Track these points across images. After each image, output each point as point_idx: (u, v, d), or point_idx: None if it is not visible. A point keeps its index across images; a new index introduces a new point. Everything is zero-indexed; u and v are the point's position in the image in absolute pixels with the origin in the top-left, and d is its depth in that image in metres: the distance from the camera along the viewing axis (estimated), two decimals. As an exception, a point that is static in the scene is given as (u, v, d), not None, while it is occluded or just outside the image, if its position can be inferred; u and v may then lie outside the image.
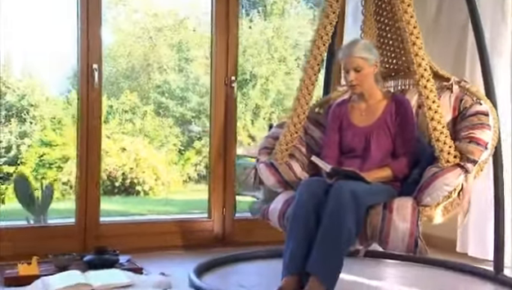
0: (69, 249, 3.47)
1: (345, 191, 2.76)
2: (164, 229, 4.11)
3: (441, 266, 3.70)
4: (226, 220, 4.23)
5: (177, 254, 3.92)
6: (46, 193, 4.24)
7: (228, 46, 4.19)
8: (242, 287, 3.07)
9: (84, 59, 3.74)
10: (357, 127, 3.23)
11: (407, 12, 3.02)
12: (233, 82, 4.21)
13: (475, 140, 2.90)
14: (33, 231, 3.90)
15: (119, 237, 3.72)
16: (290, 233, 2.87)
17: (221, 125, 4.20)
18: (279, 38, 10.73)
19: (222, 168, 4.23)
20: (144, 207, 8.43)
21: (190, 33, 10.85)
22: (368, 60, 3.12)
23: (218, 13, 4.17)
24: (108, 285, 2.84)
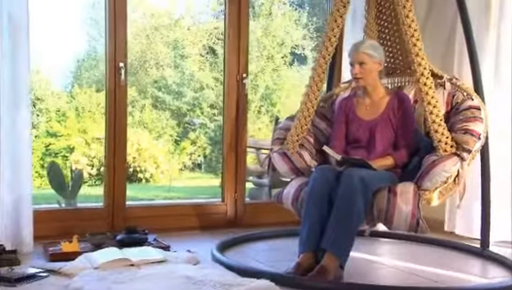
0: (98, 230, 3.53)
1: (355, 177, 2.86)
2: (183, 212, 4.15)
3: (433, 244, 3.76)
4: (238, 204, 4.27)
5: (195, 234, 3.96)
6: (76, 180, 4.32)
7: (240, 46, 4.21)
8: (259, 262, 3.13)
9: (112, 58, 3.77)
10: (362, 120, 3.31)
11: (409, 17, 3.12)
12: (244, 79, 4.24)
13: (469, 131, 3.01)
14: (67, 213, 3.96)
15: (142, 219, 3.75)
16: (306, 214, 2.96)
17: (233, 119, 4.24)
18: (267, 37, 10.78)
19: (234, 157, 4.27)
20: (150, 193, 8.48)
21: (185, 32, 10.87)
22: (372, 56, 3.20)
23: (231, 15, 4.19)
24: (145, 260, 2.90)
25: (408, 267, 3.23)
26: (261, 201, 5.56)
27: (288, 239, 3.80)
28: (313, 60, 3.45)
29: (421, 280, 2.95)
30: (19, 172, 3.23)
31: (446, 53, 4.24)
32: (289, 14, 10.86)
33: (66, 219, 3.72)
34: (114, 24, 3.78)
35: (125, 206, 3.89)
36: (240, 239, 3.70)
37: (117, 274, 2.62)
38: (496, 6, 3.92)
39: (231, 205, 4.26)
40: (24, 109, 3.23)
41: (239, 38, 4.22)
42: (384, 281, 2.94)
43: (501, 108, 3.81)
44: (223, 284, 2.49)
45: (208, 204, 4.42)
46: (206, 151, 10.76)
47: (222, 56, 11.57)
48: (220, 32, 10.84)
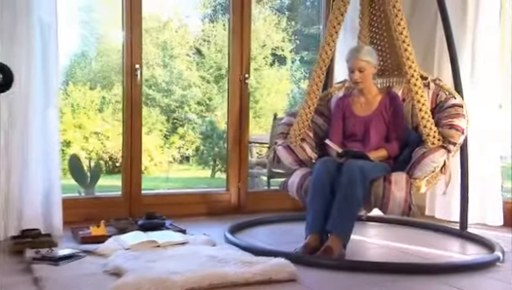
0: (117, 216, 3.58)
1: (355, 167, 2.99)
2: (192, 200, 4.24)
3: (417, 226, 3.88)
4: (241, 193, 4.36)
5: (203, 220, 4.04)
6: (94, 171, 4.38)
7: (242, 48, 4.31)
8: (267, 244, 3.21)
9: (128, 60, 3.85)
10: (357, 116, 3.44)
11: (400, 25, 3.25)
12: (247, 79, 4.33)
13: (454, 127, 3.16)
14: (89, 201, 4.01)
15: (156, 206, 3.79)
16: (311, 201, 3.08)
17: (236, 115, 4.32)
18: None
19: (238, 151, 4.36)
20: (149, 184, 8.51)
21: (173, 34, 10.90)
22: (370, 62, 3.33)
23: (235, 21, 4.29)
24: (170, 242, 2.98)
25: (398, 247, 3.34)
26: (258, 189, 5.67)
27: (290, 224, 3.95)
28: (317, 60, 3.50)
29: (411, 258, 3.07)
30: (49, 164, 3.30)
31: (428, 50, 4.30)
32: (269, 18, 10.98)
33: (89, 206, 3.80)
34: (131, 30, 3.85)
35: (141, 194, 3.98)
36: (248, 224, 3.78)
37: (147, 254, 2.70)
38: (471, 11, 4.02)
39: (234, 193, 4.36)
40: (53, 106, 3.30)
41: (241, 41, 4.32)
42: (379, 259, 3.04)
43: (476, 106, 3.90)
44: (244, 262, 2.59)
45: (214, 193, 4.50)
46: (194, 145, 10.82)
47: (208, 57, 11.59)
48: (206, 34, 10.94)
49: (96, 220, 3.40)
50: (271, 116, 6.86)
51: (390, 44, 3.67)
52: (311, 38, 10.97)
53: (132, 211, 3.88)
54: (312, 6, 11.50)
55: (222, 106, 10.43)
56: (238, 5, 4.28)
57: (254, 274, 2.43)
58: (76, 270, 2.50)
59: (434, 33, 4.20)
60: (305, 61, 11.08)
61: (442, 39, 3.93)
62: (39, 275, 2.37)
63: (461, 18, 4.02)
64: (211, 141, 10.31)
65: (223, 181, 5.21)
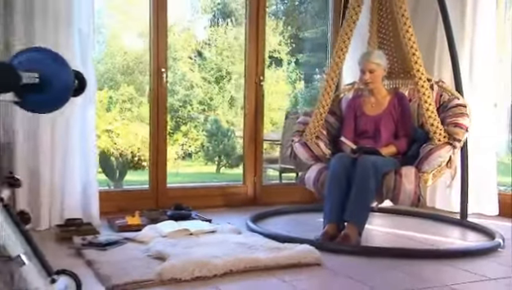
0: (145, 207, 3.70)
1: (368, 162, 3.11)
2: (212, 193, 4.34)
3: (420, 216, 3.97)
4: (257, 186, 4.45)
5: (222, 211, 4.11)
6: (122, 166, 4.47)
7: (258, 54, 4.38)
8: (288, 232, 3.27)
9: (155, 64, 3.94)
10: (368, 116, 3.55)
11: (408, 32, 3.37)
12: (262, 81, 4.40)
13: (459, 125, 3.28)
14: (120, 194, 4.12)
15: (180, 198, 3.87)
16: (328, 193, 3.18)
17: (252, 115, 4.41)
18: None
19: (253, 147, 4.44)
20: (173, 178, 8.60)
21: (177, 38, 10.97)
22: (380, 65, 3.45)
23: (251, 28, 4.37)
24: (201, 230, 3.09)
25: (405, 234, 3.45)
26: (271, 183, 5.74)
27: (303, 214, 4.06)
28: (330, 64, 3.61)
29: (419, 244, 3.19)
30: (87, 160, 3.40)
31: (427, 59, 4.28)
32: (269, 22, 11.08)
33: (120, 198, 3.89)
34: (157, 37, 3.95)
35: (166, 187, 4.08)
36: (266, 214, 3.87)
37: (183, 241, 2.81)
38: (469, 21, 4.11)
39: (250, 186, 4.45)
40: (91, 107, 3.40)
41: (257, 46, 4.39)
42: (391, 245, 3.15)
43: (474, 106, 3.99)
44: (273, 248, 2.71)
45: (232, 186, 4.59)
46: (197, 142, 10.89)
47: (209, 59, 11.64)
48: (207, 38, 11.02)
49: (126, 211, 3.51)
50: (280, 115, 6.93)
51: (397, 49, 3.78)
52: (305, 41, 11.07)
53: (158, 203, 3.97)
54: (306, 12, 11.58)
55: (223, 106, 10.54)
56: (254, 14, 4.37)
57: (284, 259, 2.54)
58: (122, 255, 2.60)
59: (435, 38, 4.28)
60: (300, 63, 11.15)
61: (442, 44, 4.09)
62: (91, 259, 2.48)
63: (460, 24, 4.09)
64: (216, 138, 10.40)
65: (228, 176, 5.34)
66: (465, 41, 4.13)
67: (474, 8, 4.11)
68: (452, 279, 2.45)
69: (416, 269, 2.60)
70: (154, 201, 3.98)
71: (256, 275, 2.41)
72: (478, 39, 4.12)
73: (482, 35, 4.11)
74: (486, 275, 2.53)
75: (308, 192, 4.27)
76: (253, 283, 2.33)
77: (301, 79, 10.67)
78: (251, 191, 4.45)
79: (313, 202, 4.29)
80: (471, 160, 3.80)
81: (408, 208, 3.66)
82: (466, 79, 4.01)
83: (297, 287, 2.29)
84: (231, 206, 4.29)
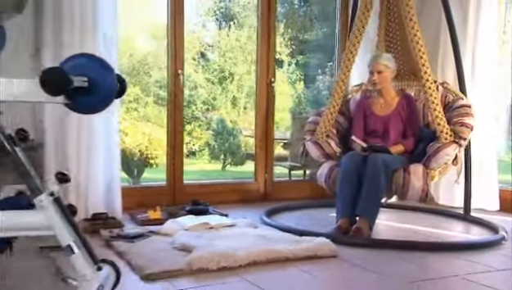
0: (164, 203, 3.79)
1: (379, 160, 3.19)
2: (225, 189, 4.43)
3: (425, 211, 4.05)
4: (268, 183, 4.53)
5: (236, 206, 4.15)
6: (140, 165, 4.55)
7: (269, 56, 4.47)
8: (302, 226, 3.32)
9: (173, 67, 4.05)
10: (377, 116, 3.62)
11: (416, 35, 3.45)
12: (272, 82, 4.49)
13: (465, 124, 3.36)
14: (140, 190, 4.23)
15: (196, 194, 3.97)
16: (341, 189, 3.26)
17: (263, 115, 4.50)
18: (251, 44, 11.04)
19: (265, 146, 4.53)
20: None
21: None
22: (388, 66, 3.52)
23: (262, 32, 4.48)
24: (220, 224, 3.17)
25: (413, 228, 3.53)
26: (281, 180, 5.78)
27: (314, 209, 4.15)
28: (341, 66, 3.69)
29: (427, 237, 3.27)
30: (110, 158, 3.48)
31: (433, 51, 4.29)
32: None
33: (139, 194, 3.98)
34: (175, 42, 4.06)
35: (183, 184, 4.17)
36: (279, 209, 3.95)
37: (205, 234, 2.89)
38: (472, 23, 4.21)
39: (262, 183, 4.54)
40: (115, 111, 3.49)
41: (268, 49, 4.49)
42: (400, 238, 3.21)
43: (476, 106, 4.07)
44: (291, 241, 2.80)
45: (245, 183, 4.68)
46: (201, 141, 10.97)
47: (212, 61, 11.73)
48: (210, 40, 11.10)
49: (145, 206, 3.60)
50: (281, 115, 6.96)
51: (403, 52, 3.86)
52: (305, 43, 11.14)
53: (175, 199, 4.05)
54: (305, 15, 11.67)
55: (226, 106, 10.61)
56: (265, 18, 4.48)
57: (303, 251, 2.63)
58: (150, 247, 2.68)
59: (438, 41, 4.35)
60: (300, 64, 11.23)
61: (445, 46, 4.18)
62: (122, 250, 2.57)
63: (463, 28, 4.17)
64: (221, 137, 10.49)
65: (233, 173, 5.40)
66: (467, 43, 4.22)
67: (477, 12, 4.21)
68: (461, 270, 2.53)
69: (426, 261, 2.68)
70: (172, 196, 4.07)
71: (277, 266, 2.50)
72: (479, 42, 4.21)
73: (483, 38, 4.20)
74: (492, 266, 2.61)
75: (316, 189, 4.37)
76: (275, 272, 2.42)
77: (301, 80, 10.75)
78: (262, 187, 4.54)
79: (321, 198, 4.39)
80: (473, 158, 3.87)
81: (412, 203, 3.77)
82: (468, 79, 4.05)
83: (316, 276, 2.38)
84: (244, 201, 4.37)
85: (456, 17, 3.97)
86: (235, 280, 2.28)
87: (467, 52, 4.20)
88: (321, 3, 10.45)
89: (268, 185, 4.56)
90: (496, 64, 4.24)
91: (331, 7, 10.11)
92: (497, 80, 4.29)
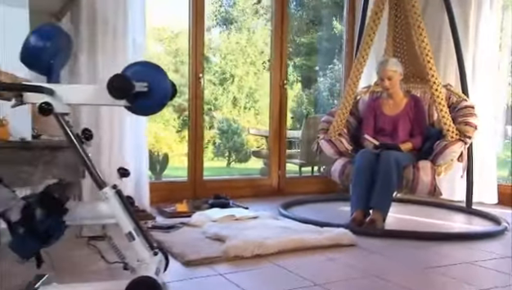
0: (186, 197, 3.91)
1: (391, 157, 3.31)
2: (241, 184, 4.57)
3: (429, 205, 4.21)
4: (280, 178, 4.67)
5: (252, 200, 4.28)
6: (162, 162, 4.67)
7: (282, 59, 4.59)
8: (318, 218, 3.41)
9: (193, 71, 4.16)
10: (387, 116, 3.74)
11: (424, 41, 3.57)
12: (285, 84, 4.62)
13: (469, 124, 3.48)
14: (163, 185, 4.34)
15: (215, 189, 4.11)
16: (355, 184, 3.38)
17: (276, 116, 4.61)
18: (250, 47, 11.16)
19: (278, 145, 4.65)
20: (178, 172, 8.77)
21: (184, 44, 11.16)
22: (396, 72, 3.65)
23: (276, 34, 4.59)
24: (245, 216, 3.28)
25: (421, 220, 3.67)
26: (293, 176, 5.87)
27: (326, 203, 4.29)
28: (352, 71, 3.81)
29: (435, 228, 3.41)
30: (139, 155, 3.60)
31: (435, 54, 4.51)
32: (266, 28, 11.29)
33: (163, 189, 4.10)
34: (195, 49, 4.17)
35: (203, 179, 4.29)
36: (294, 203, 4.08)
37: (233, 225, 3.00)
38: (472, 29, 4.35)
39: (275, 179, 4.67)
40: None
41: (281, 54, 4.61)
42: (409, 229, 3.29)
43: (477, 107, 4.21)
44: (313, 231, 2.92)
45: (259, 178, 4.82)
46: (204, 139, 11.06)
47: (213, 62, 11.84)
48: (211, 43, 11.21)
49: (169, 200, 3.73)
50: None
51: (409, 56, 3.99)
52: (301, 46, 11.28)
53: (196, 193, 4.18)
54: (301, 19, 11.81)
55: (227, 105, 10.74)
56: (279, 29, 4.60)
57: (325, 240, 2.76)
58: (184, 236, 2.80)
59: (440, 45, 4.46)
60: (297, 66, 11.36)
61: (447, 50, 4.31)
62: (160, 239, 2.68)
63: (464, 33, 4.29)
64: (227, 136, 10.62)
65: (238, 170, 5.50)
66: (469, 48, 4.35)
67: (477, 19, 4.36)
68: (470, 257, 2.66)
69: (438, 249, 2.81)
70: (193, 191, 4.19)
71: (303, 253, 2.62)
72: (480, 47, 4.36)
73: (484, 43, 4.35)
74: (498, 253, 2.74)
75: (324, 183, 4.55)
76: (302, 259, 2.54)
77: (298, 81, 10.88)
78: (275, 183, 4.67)
79: (329, 192, 4.54)
80: (475, 155, 4.00)
81: (417, 198, 3.91)
82: (469, 81, 4.15)
83: (339, 262, 2.50)
84: (259, 196, 4.51)
85: (458, 24, 4.07)
86: (267, 266, 2.40)
87: (468, 56, 4.32)
88: (316, 8, 10.59)
89: (281, 181, 4.69)
90: (495, 67, 4.37)
91: (325, 12, 10.28)
92: (496, 83, 4.43)
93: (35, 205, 1.71)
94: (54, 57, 1.75)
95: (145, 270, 1.79)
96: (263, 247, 2.53)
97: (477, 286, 2.17)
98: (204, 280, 2.18)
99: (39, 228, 1.71)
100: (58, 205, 1.72)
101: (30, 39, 1.68)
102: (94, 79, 3.27)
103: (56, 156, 2.57)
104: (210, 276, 2.24)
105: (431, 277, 2.31)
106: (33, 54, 1.69)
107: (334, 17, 10.08)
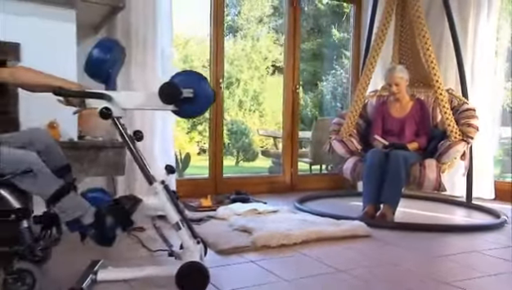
0: (208, 193, 3.98)
1: (400, 156, 3.39)
2: (258, 181, 4.68)
3: (433, 200, 4.29)
4: (293, 176, 4.76)
5: (268, 195, 4.37)
6: (185, 160, 4.78)
7: (294, 65, 4.70)
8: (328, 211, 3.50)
9: (214, 76, 4.27)
10: (394, 118, 3.83)
11: (429, 50, 3.66)
12: (297, 89, 4.72)
13: (471, 125, 3.57)
14: (186, 182, 4.44)
15: (234, 185, 4.21)
16: (367, 181, 3.46)
17: (289, 118, 4.70)
18: (254, 53, 11.28)
19: (290, 145, 4.75)
20: (191, 170, 8.88)
21: (193, 49, 11.28)
22: (403, 78, 3.74)
23: (289, 44, 4.69)
24: (266, 210, 3.37)
25: (425, 214, 3.76)
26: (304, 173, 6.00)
27: (336, 199, 4.36)
28: (362, 77, 3.91)
29: (437, 221, 3.49)
30: (167, 154, 3.69)
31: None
32: (270, 36, 11.40)
33: (185, 185, 4.18)
34: (216, 58, 4.28)
35: (222, 176, 4.40)
36: (307, 198, 4.17)
37: (257, 218, 3.10)
38: (471, 34, 4.42)
39: (288, 176, 4.77)
40: (170, 114, 3.67)
41: (294, 60, 4.71)
42: (415, 221, 3.38)
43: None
44: (331, 223, 3.03)
45: (273, 176, 4.92)
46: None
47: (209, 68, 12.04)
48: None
49: (192, 196, 3.82)
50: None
51: (414, 63, 4.07)
52: (303, 52, 11.37)
53: (217, 189, 4.28)
54: (302, 27, 11.91)
55: (234, 108, 10.83)
56: (291, 39, 4.70)
57: (343, 231, 2.87)
58: (213, 228, 2.90)
59: (440, 51, 4.49)
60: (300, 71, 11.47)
61: (447, 56, 4.39)
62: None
63: (463, 39, 4.34)
64: (235, 136, 10.73)
65: (246, 168, 5.58)
66: (468, 54, 4.42)
67: (475, 28, 4.43)
68: (474, 246, 2.76)
69: (445, 239, 2.92)
70: (214, 187, 4.29)
71: (324, 243, 2.72)
72: (477, 54, 4.43)
73: (481, 50, 4.43)
74: (501, 243, 2.84)
75: (333, 181, 4.66)
76: (323, 248, 2.63)
77: (300, 85, 10.99)
78: (288, 180, 4.77)
79: (337, 189, 4.64)
80: (474, 154, 4.08)
81: (421, 193, 4.00)
82: (468, 86, 4.21)
83: (358, 251, 2.61)
84: (273, 192, 4.61)
85: (457, 32, 4.11)
86: (292, 254, 2.51)
87: (467, 61, 4.38)
88: (316, 17, 10.70)
89: (294, 178, 4.79)
90: (492, 73, 4.46)
91: (325, 21, 10.37)
92: (493, 87, 4.51)
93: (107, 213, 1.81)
94: (112, 67, 1.86)
95: (191, 257, 1.90)
96: (288, 238, 2.63)
97: (482, 272, 2.27)
98: (238, 267, 2.29)
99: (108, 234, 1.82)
100: (126, 216, 1.83)
101: (93, 52, 1.79)
102: (128, 87, 3.36)
103: (98, 155, 2.68)
104: (242, 263, 2.34)
105: (441, 264, 2.41)
106: (95, 65, 1.80)
107: (333, 25, 10.21)
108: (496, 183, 4.48)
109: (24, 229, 1.67)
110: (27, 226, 1.68)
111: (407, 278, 2.16)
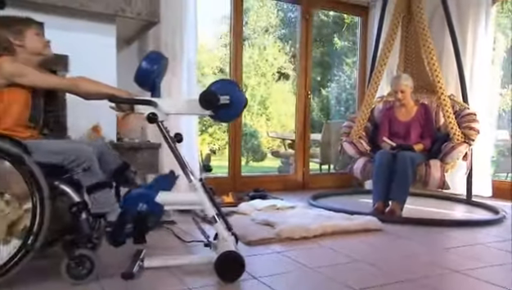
0: (227, 190, 4.04)
1: (407, 156, 3.46)
2: (272, 179, 4.77)
3: (435, 197, 4.34)
4: (305, 174, 4.83)
5: (282, 193, 4.41)
6: (206, 160, 4.84)
7: (307, 71, 4.78)
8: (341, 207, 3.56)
9: (234, 76, 4.36)
10: (400, 121, 3.89)
11: (433, 59, 3.74)
12: (309, 94, 4.81)
13: (473, 128, 3.63)
14: (211, 180, 4.35)
15: (251, 183, 4.31)
16: (376, 180, 3.52)
17: (302, 122, 4.79)
18: (261, 61, 11.36)
19: (302, 146, 4.83)
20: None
21: (204, 57, 11.38)
22: (408, 85, 3.81)
23: (301, 55, 4.77)
24: (284, 205, 3.45)
25: (428, 210, 3.79)
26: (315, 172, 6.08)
27: (346, 196, 4.43)
28: (370, 83, 3.99)
29: (442, 216, 3.54)
30: (192, 155, 3.74)
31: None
32: (276, 44, 11.49)
33: (209, 183, 4.23)
34: (236, 67, 4.37)
35: (241, 175, 4.48)
36: (319, 196, 4.23)
37: (276, 214, 3.18)
38: (470, 43, 4.47)
39: (300, 175, 4.84)
40: (194, 117, 3.77)
41: (306, 69, 4.79)
42: (421, 216, 3.42)
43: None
44: (345, 218, 3.10)
45: (286, 175, 5.00)
46: (220, 141, 11.28)
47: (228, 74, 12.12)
48: (227, 57, 11.44)
49: (215, 193, 3.86)
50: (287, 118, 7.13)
51: (419, 71, 4.13)
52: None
53: (236, 187, 4.35)
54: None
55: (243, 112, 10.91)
56: (303, 48, 4.77)
57: (357, 225, 2.94)
58: (238, 222, 2.96)
59: (441, 60, 4.51)
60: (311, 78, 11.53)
61: (447, 63, 4.45)
62: (221, 225, 2.88)
63: (462, 50, 4.35)
64: (245, 138, 10.83)
65: (255, 168, 5.64)
66: (467, 62, 4.46)
67: (474, 37, 4.48)
68: (477, 239, 2.83)
69: (452, 233, 2.98)
70: (233, 185, 4.37)
71: (339, 236, 2.80)
72: (476, 62, 4.48)
73: (479, 58, 4.47)
74: (500, 237, 2.91)
75: (342, 179, 4.72)
76: (340, 241, 2.71)
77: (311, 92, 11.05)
78: (300, 178, 4.85)
79: (346, 187, 4.71)
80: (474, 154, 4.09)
81: (424, 191, 4.06)
82: (468, 91, 4.24)
83: (371, 244, 2.68)
84: (287, 189, 4.68)
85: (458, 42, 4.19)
86: (312, 246, 2.59)
87: (466, 68, 4.41)
88: (319, 28, 10.79)
89: (305, 176, 4.86)
90: (489, 80, 4.51)
91: (325, 31, 10.44)
92: (490, 93, 4.56)
93: (129, 219, 1.91)
94: (157, 77, 1.95)
95: (228, 247, 1.99)
96: (308, 231, 2.72)
97: (487, 262, 2.34)
98: (266, 256, 2.38)
99: (119, 237, 1.91)
100: (142, 233, 1.92)
101: (142, 64, 1.89)
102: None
103: (136, 155, 2.78)
104: (269, 253, 2.43)
105: (449, 255, 2.48)
106: (144, 75, 1.89)
107: (334, 34, 10.29)
108: (493, 182, 4.53)
109: (83, 220, 1.76)
110: (85, 217, 1.77)
111: (421, 267, 2.24)
